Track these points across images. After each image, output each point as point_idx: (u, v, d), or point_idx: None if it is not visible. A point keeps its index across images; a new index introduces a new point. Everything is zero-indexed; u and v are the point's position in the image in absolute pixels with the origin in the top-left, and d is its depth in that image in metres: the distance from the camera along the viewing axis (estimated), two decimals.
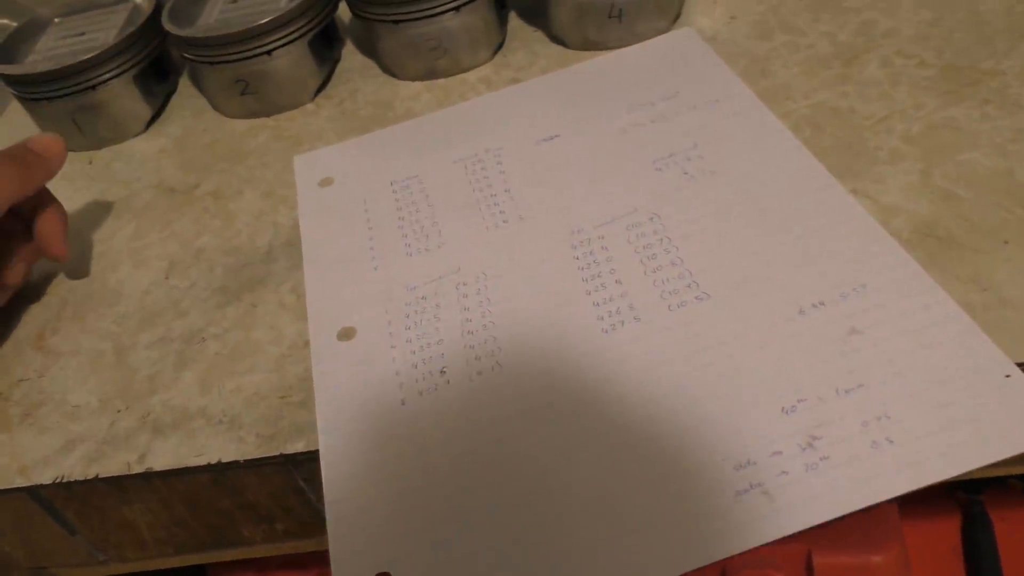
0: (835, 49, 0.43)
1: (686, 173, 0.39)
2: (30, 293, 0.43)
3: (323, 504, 0.33)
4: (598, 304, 0.34)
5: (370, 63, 0.54)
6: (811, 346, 0.30)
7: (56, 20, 0.55)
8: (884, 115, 0.39)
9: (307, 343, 0.36)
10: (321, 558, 0.44)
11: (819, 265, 0.32)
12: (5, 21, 0.71)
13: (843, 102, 0.40)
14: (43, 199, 0.42)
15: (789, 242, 0.34)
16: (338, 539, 0.29)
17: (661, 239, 0.36)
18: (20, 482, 0.34)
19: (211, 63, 0.49)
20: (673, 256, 0.35)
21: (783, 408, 0.28)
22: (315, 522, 0.36)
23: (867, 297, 0.31)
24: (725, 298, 0.33)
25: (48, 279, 0.44)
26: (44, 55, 0.52)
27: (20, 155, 0.40)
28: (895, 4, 0.45)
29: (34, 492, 0.34)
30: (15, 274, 0.41)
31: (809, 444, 0.27)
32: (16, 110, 0.59)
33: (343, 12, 0.54)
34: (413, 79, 0.50)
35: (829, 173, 0.36)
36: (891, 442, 0.26)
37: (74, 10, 0.55)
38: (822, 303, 0.31)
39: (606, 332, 0.33)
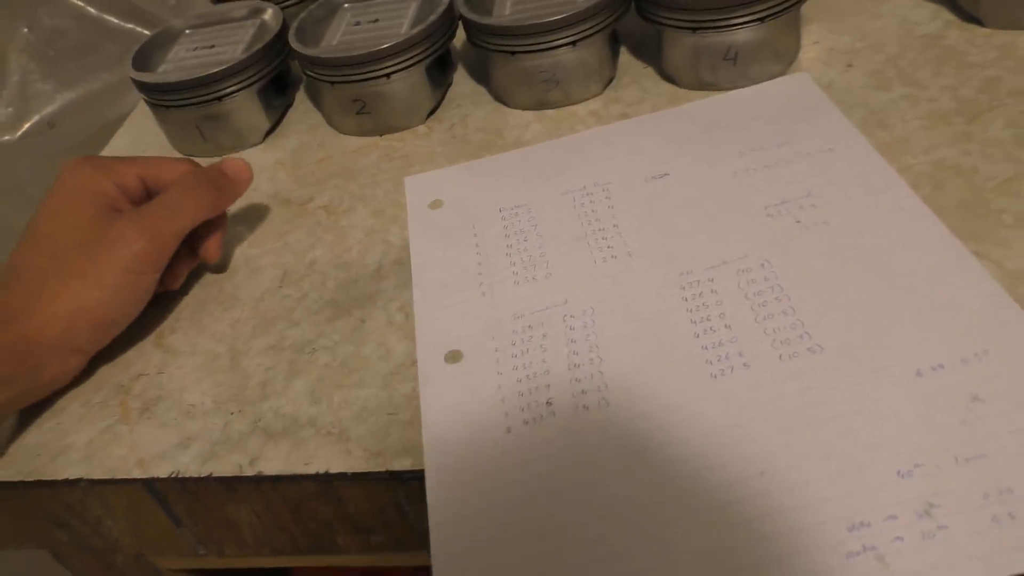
0: (957, 105, 0.42)
1: (799, 222, 0.39)
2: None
3: (421, 522, 0.34)
4: (706, 348, 0.34)
5: (481, 90, 0.55)
6: (929, 410, 0.29)
7: (187, 31, 0.58)
8: (1009, 176, 0.38)
9: (415, 362, 0.37)
10: (405, 573, 0.45)
11: (939, 326, 0.32)
12: (131, 26, 0.75)
13: (965, 160, 0.39)
14: None
15: (907, 300, 0.33)
16: (442, 561, 0.30)
17: (772, 287, 0.36)
18: (138, 473, 0.36)
19: (331, 82, 0.51)
20: (785, 305, 0.35)
21: (899, 471, 0.28)
22: (410, 538, 0.36)
23: (990, 364, 0.30)
24: (839, 352, 0.32)
25: None
26: (175, 64, 0.55)
27: (215, 179, 0.43)
28: (1022, 63, 0.44)
29: (150, 484, 0.36)
30: (176, 279, 0.44)
31: (926, 512, 0.27)
32: (143, 112, 0.62)
33: (458, 39, 0.56)
34: (524, 108, 0.52)
35: (951, 232, 0.35)
36: (1013, 517, 0.26)
37: (205, 22, 0.58)
38: (941, 366, 0.31)
39: (714, 377, 0.33)
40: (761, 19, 0.45)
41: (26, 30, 0.71)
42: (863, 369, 0.31)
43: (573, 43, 0.48)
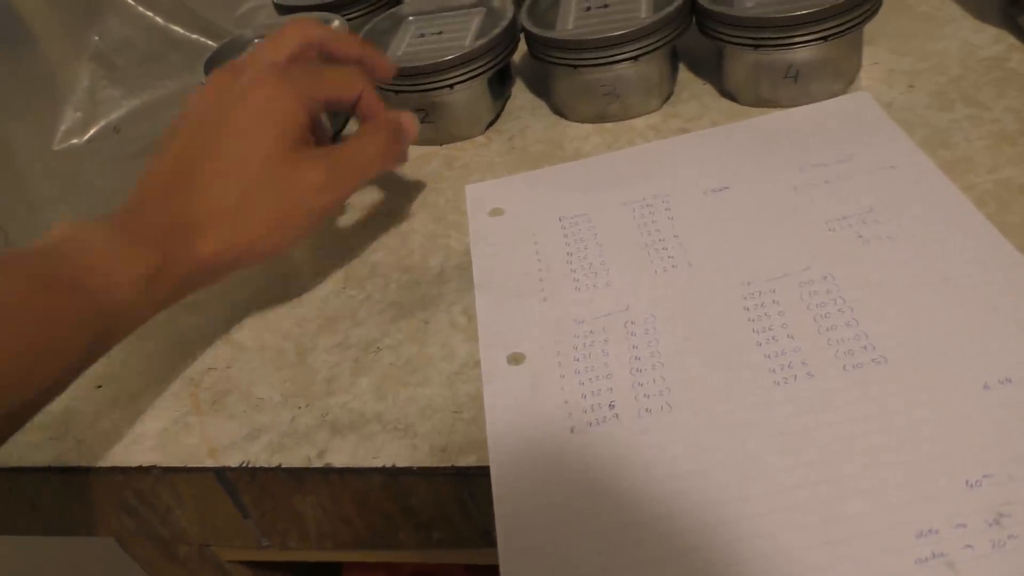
0: (1021, 126, 0.43)
1: (860, 236, 0.39)
2: (221, 291, 0.47)
3: (483, 519, 0.35)
4: (769, 356, 0.35)
5: (539, 102, 0.56)
6: (997, 422, 0.30)
7: (256, 40, 0.60)
8: None
9: (477, 363, 0.38)
10: (456, 570, 0.45)
11: (1004, 341, 0.32)
12: (196, 36, 0.77)
13: None
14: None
15: (972, 315, 0.34)
16: (508, 552, 0.30)
17: (835, 299, 0.36)
18: (209, 463, 0.37)
19: (396, 91, 0.52)
20: (848, 317, 0.35)
21: (967, 481, 0.28)
22: (471, 536, 0.37)
23: None
24: (903, 364, 0.33)
25: (236, 279, 0.47)
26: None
27: (398, 135, 0.43)
28: None
29: (221, 474, 0.37)
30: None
31: (996, 521, 0.27)
32: None
33: (517, 52, 0.57)
34: (583, 121, 0.53)
35: (1016, 249, 0.36)
36: None
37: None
38: (1009, 380, 0.31)
39: (777, 384, 0.33)
40: (824, 38, 0.45)
41: (97, 39, 0.74)
42: (929, 381, 0.32)
43: (634, 58, 0.49)
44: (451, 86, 0.51)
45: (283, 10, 0.64)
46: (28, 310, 0.32)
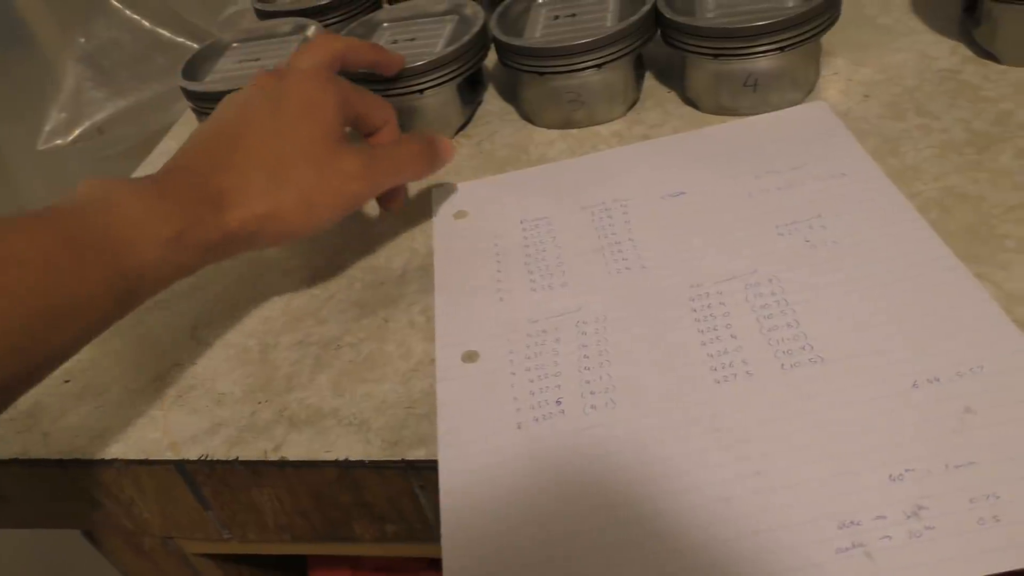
0: (969, 136, 0.44)
1: (808, 241, 0.40)
2: (189, 288, 0.48)
3: (433, 513, 0.36)
4: (712, 355, 0.36)
5: (509, 108, 0.57)
6: (922, 419, 0.31)
7: (234, 45, 0.61)
8: (1015, 204, 0.39)
9: (432, 361, 0.39)
10: (417, 565, 0.46)
11: (936, 342, 0.33)
12: (181, 39, 0.79)
13: (973, 188, 0.40)
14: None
15: (907, 317, 0.35)
16: (452, 543, 0.31)
17: (778, 301, 0.37)
18: (170, 455, 0.38)
19: None
20: (789, 318, 0.36)
21: (890, 475, 0.29)
22: (423, 529, 0.38)
23: (984, 379, 0.31)
24: (838, 364, 0.34)
25: (204, 277, 0.48)
26: (222, 75, 0.57)
27: (433, 152, 0.45)
28: None
29: (180, 466, 0.38)
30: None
31: (915, 513, 0.28)
32: (188, 120, 0.65)
33: (489, 60, 0.58)
34: (549, 127, 0.54)
35: (954, 254, 0.37)
36: (998, 520, 0.27)
37: (252, 37, 0.61)
38: (937, 379, 0.32)
39: (718, 383, 0.34)
40: (781, 48, 0.47)
41: (83, 40, 0.75)
42: (861, 380, 0.33)
43: (599, 66, 0.50)
44: (421, 91, 0.52)
45: (263, 15, 0.65)
46: (52, 268, 0.31)
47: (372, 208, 0.51)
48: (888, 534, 0.28)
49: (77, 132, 0.74)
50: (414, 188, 0.52)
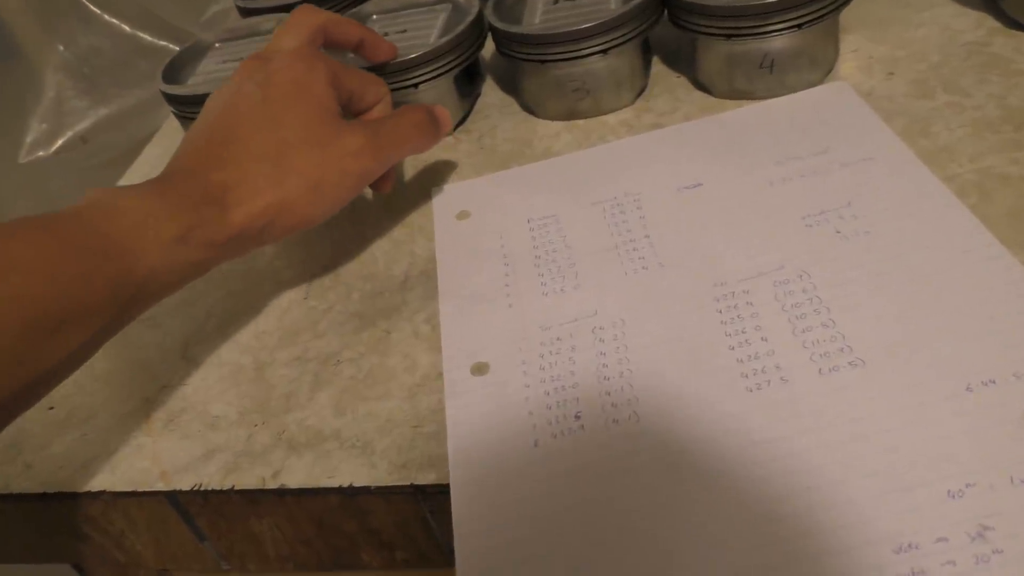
0: (1004, 113, 0.41)
1: (839, 232, 0.37)
2: (179, 305, 0.45)
3: (446, 538, 0.33)
4: (742, 361, 0.33)
5: (510, 100, 0.54)
6: (980, 427, 0.28)
7: (217, 45, 0.58)
8: None
9: (440, 374, 0.36)
10: None
11: (989, 340, 0.31)
12: (164, 43, 0.76)
13: (1014, 169, 0.38)
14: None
15: (954, 313, 0.32)
16: (468, 572, 0.29)
17: (811, 298, 0.35)
18: (160, 486, 0.35)
19: None
20: (824, 318, 0.34)
21: (949, 491, 0.26)
22: (435, 555, 0.35)
23: None
24: (882, 366, 0.31)
25: (196, 291, 0.46)
26: (204, 77, 0.55)
27: (434, 124, 0.43)
28: None
29: (172, 497, 0.36)
30: None
31: (980, 534, 0.25)
32: (172, 126, 0.62)
33: (486, 49, 0.55)
34: (553, 119, 0.51)
35: (999, 242, 0.34)
36: None
37: (235, 36, 0.58)
38: (993, 381, 0.29)
39: (750, 391, 0.32)
40: (798, 26, 0.44)
41: (62, 48, 0.72)
42: (908, 385, 0.30)
43: (604, 51, 0.47)
44: (416, 85, 0.50)
45: (246, 12, 0.62)
46: (58, 272, 0.30)
47: (367, 211, 0.48)
48: (951, 559, 0.25)
49: (60, 143, 0.71)
50: (412, 189, 0.49)
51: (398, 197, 0.49)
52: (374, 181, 0.42)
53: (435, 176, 0.49)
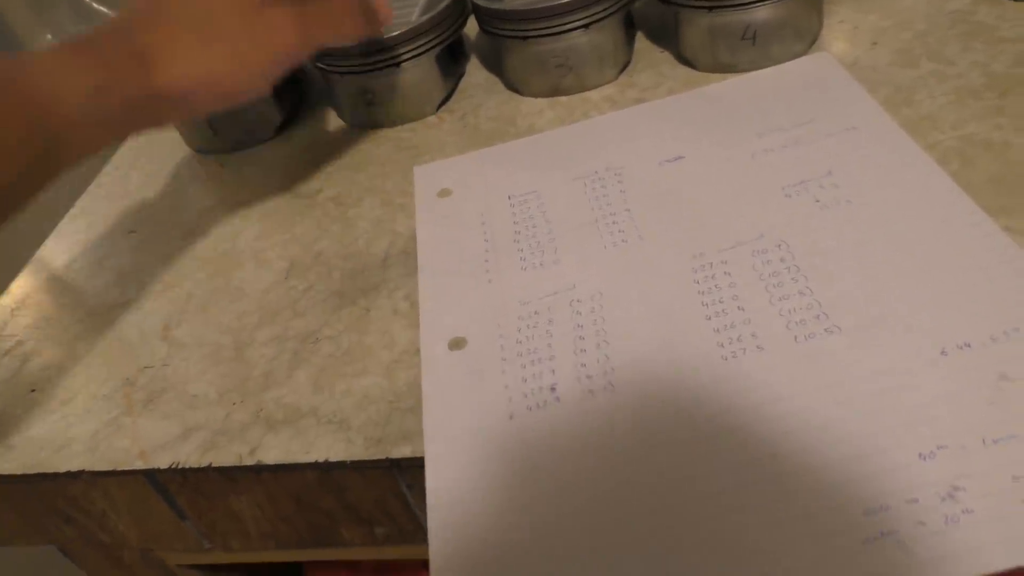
0: (988, 80, 0.40)
1: (818, 201, 0.37)
2: (160, 287, 0.45)
3: (424, 512, 0.33)
4: (718, 330, 0.33)
5: (494, 79, 0.54)
6: (954, 390, 0.28)
7: None
8: None
9: (418, 350, 0.36)
10: (415, 566, 0.44)
11: (965, 305, 0.30)
12: None
13: (996, 135, 0.37)
14: None
15: (931, 279, 0.32)
16: (439, 544, 0.29)
17: (788, 267, 0.34)
18: (139, 465, 0.35)
19: (340, 73, 0.50)
20: (801, 286, 0.33)
21: (920, 454, 0.26)
22: (415, 530, 0.35)
23: (1021, 342, 0.28)
24: (858, 333, 0.31)
25: (177, 275, 0.46)
26: None
27: (372, 10, 0.43)
28: None
29: (151, 476, 0.35)
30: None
31: (950, 495, 0.25)
32: None
33: (470, 28, 0.55)
34: (537, 96, 0.50)
35: (980, 208, 0.34)
36: None
37: None
38: (968, 345, 0.29)
39: (726, 359, 0.31)
40: None
41: (49, 37, 0.72)
42: (883, 349, 0.30)
43: (586, 26, 0.46)
44: (398, 64, 0.49)
45: None
46: None
47: (349, 190, 0.48)
48: (922, 519, 0.25)
49: None
50: (394, 168, 0.49)
51: (379, 177, 0.48)
52: (376, 17, 0.43)
53: (418, 155, 0.49)
